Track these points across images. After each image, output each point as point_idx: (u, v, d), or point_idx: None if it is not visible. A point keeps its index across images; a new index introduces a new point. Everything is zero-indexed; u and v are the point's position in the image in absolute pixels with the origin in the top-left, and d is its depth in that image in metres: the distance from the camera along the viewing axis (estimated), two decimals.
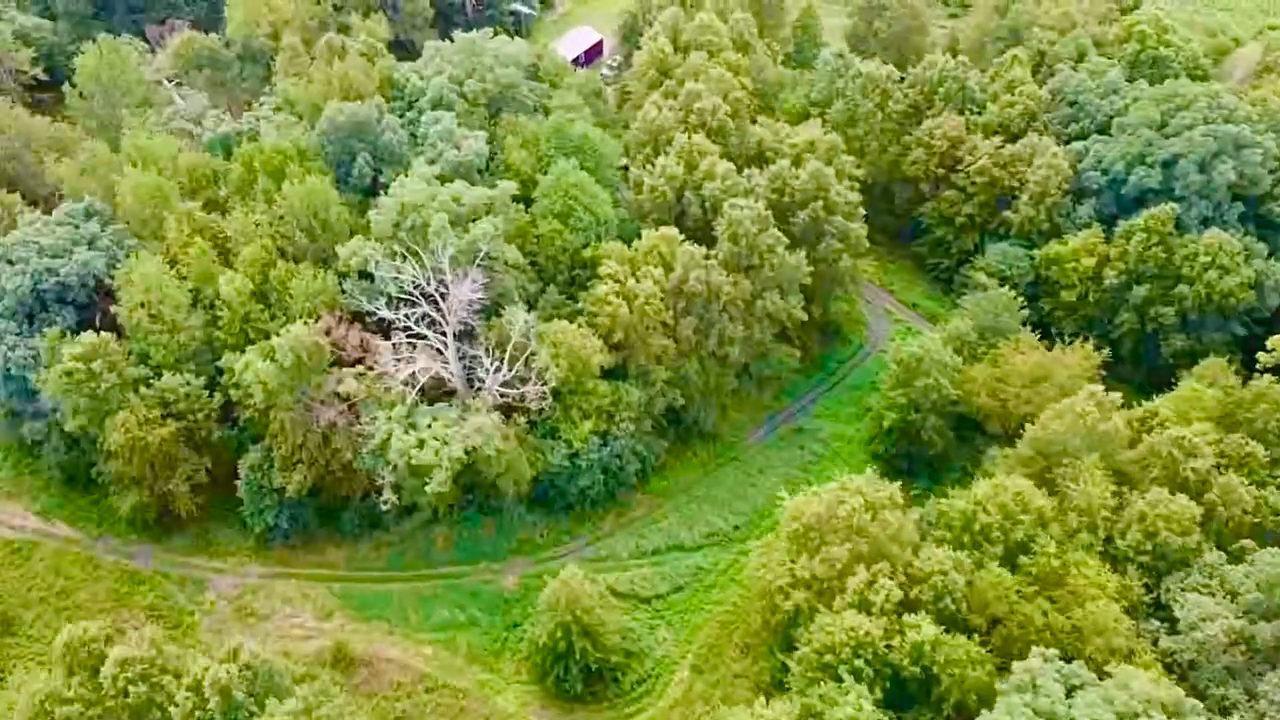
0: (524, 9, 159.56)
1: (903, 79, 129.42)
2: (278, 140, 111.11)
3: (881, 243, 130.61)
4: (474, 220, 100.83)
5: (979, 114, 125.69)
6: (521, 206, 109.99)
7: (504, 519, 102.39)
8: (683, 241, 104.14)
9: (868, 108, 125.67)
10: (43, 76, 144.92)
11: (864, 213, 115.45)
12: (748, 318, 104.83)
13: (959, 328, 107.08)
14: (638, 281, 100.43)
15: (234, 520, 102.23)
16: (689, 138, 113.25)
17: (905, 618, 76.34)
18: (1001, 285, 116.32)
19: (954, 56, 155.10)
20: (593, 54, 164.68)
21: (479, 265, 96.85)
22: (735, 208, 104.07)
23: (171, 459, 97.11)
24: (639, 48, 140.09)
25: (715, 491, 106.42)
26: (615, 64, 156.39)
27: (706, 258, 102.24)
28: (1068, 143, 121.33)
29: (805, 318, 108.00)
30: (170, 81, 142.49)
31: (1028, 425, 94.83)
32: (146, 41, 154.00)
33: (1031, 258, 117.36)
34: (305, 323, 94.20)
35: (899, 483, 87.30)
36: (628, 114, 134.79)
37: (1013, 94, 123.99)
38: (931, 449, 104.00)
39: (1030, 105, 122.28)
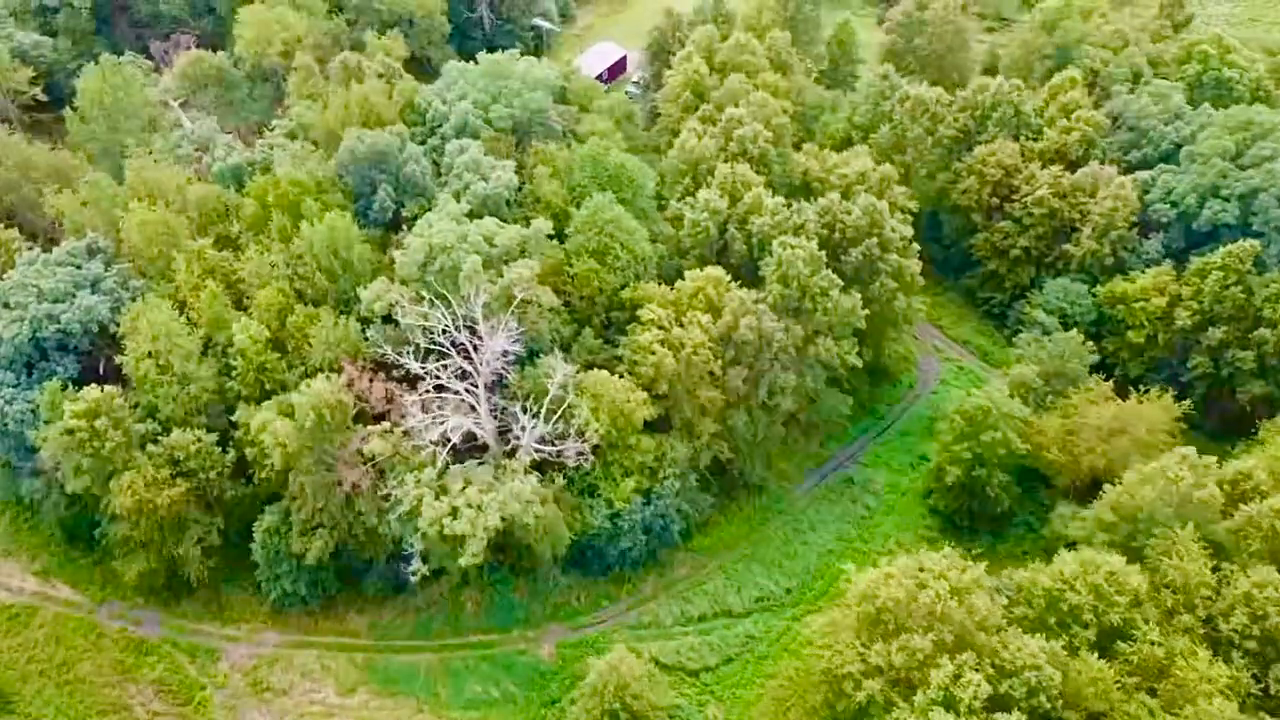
0: (546, 25, 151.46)
1: (950, 102, 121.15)
2: (292, 172, 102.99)
3: (928, 274, 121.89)
4: (507, 262, 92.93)
5: (1034, 140, 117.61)
6: (554, 241, 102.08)
7: (538, 581, 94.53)
8: (728, 284, 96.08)
9: (916, 133, 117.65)
10: (42, 97, 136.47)
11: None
12: (799, 364, 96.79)
13: (1024, 374, 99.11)
14: (683, 328, 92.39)
15: (248, 582, 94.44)
16: (731, 168, 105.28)
17: (996, 717, 68.46)
18: (1062, 324, 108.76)
19: (995, 74, 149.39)
20: (616, 70, 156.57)
21: (513, 313, 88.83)
22: (786, 247, 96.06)
23: (181, 521, 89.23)
24: (668, 66, 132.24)
25: (763, 550, 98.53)
26: (640, 80, 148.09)
27: (756, 301, 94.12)
28: (1128, 171, 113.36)
29: (860, 364, 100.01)
30: (177, 102, 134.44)
31: (1106, 487, 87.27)
32: (151, 58, 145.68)
33: (1094, 295, 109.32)
34: (326, 376, 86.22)
35: (960, 546, 79.86)
36: (658, 135, 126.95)
37: (1070, 119, 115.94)
38: (998, 507, 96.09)
39: (1089, 132, 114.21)
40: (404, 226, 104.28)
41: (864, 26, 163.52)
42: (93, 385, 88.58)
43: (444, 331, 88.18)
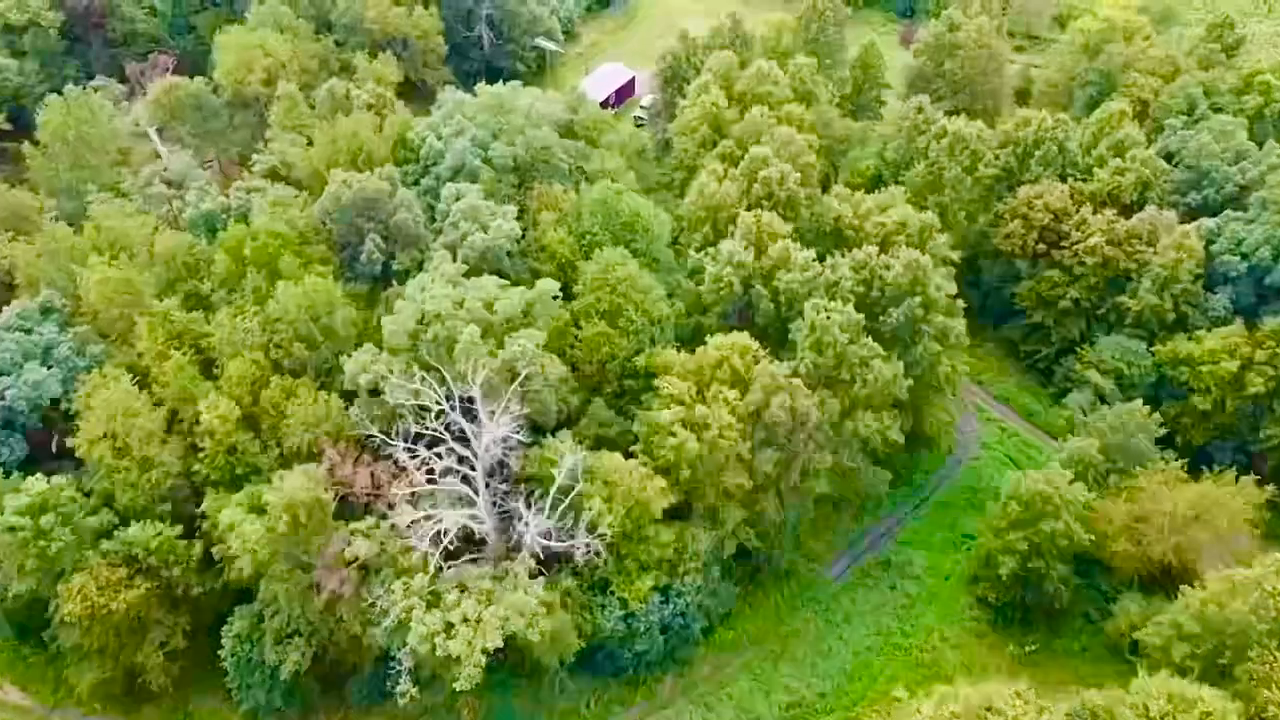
0: (549, 45, 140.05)
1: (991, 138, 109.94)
2: (270, 222, 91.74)
3: (965, 322, 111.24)
4: (509, 330, 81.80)
5: (1083, 180, 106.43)
6: (560, 298, 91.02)
7: (542, 687, 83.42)
8: (756, 352, 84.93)
9: (954, 172, 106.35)
10: (5, 125, 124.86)
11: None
12: (835, 442, 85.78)
13: (1083, 450, 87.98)
14: (707, 406, 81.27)
15: (218, 686, 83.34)
16: (756, 216, 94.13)
17: None
18: (1117, 385, 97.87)
19: (1028, 99, 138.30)
20: (624, 93, 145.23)
21: (516, 392, 77.76)
22: (819, 310, 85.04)
23: (141, 624, 78.20)
24: (681, 94, 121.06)
25: (794, 646, 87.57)
26: (650, 105, 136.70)
27: (790, 375, 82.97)
28: (1188, 216, 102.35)
29: (902, 439, 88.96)
30: (154, 129, 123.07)
31: (1184, 588, 76.58)
32: (126, 81, 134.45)
33: (1153, 353, 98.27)
34: (306, 464, 75.16)
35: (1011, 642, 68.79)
36: (672, 170, 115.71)
37: (1124, 159, 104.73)
38: (1055, 602, 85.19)
39: (1146, 173, 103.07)
40: (394, 281, 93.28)
41: (886, 44, 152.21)
42: (40, 476, 77.40)
43: (438, 414, 77.10)
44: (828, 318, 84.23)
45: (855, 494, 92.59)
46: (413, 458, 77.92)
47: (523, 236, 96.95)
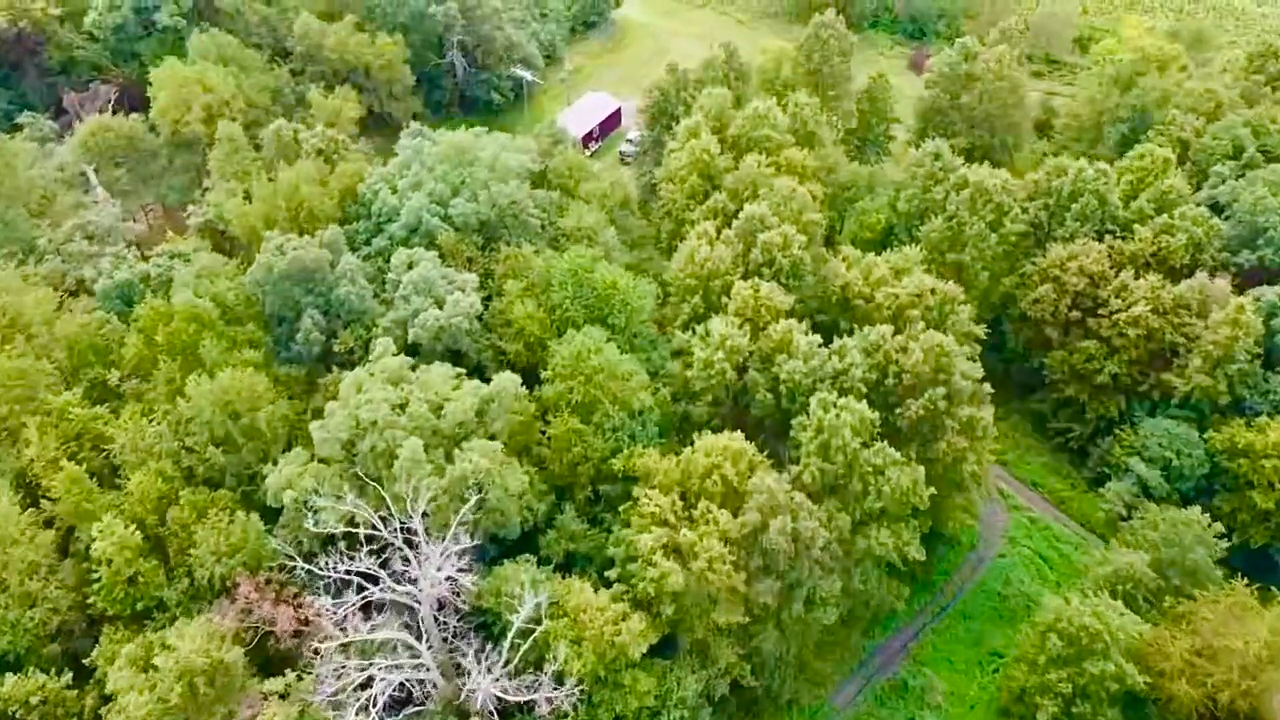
0: (527, 75, 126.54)
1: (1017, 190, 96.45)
2: (193, 298, 78.28)
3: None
4: (461, 436, 68.44)
5: (1122, 236, 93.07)
6: (526, 386, 77.88)
7: None
8: (751, 458, 71.56)
9: (978, 228, 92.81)
10: None
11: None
12: (845, 561, 72.47)
13: (1133, 566, 74.78)
14: (694, 527, 67.92)
15: None
16: (754, 288, 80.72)
17: None
18: (1164, 476, 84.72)
19: (1049, 133, 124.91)
20: (609, 125, 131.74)
21: (468, 515, 64.40)
22: (827, 407, 71.69)
23: None
24: (670, 132, 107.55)
25: None
26: (637, 141, 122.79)
27: (792, 484, 69.64)
28: (1242, 281, 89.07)
29: (923, 556, 75.57)
30: (91, 170, 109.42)
31: None
32: (65, 112, 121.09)
33: (1205, 439, 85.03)
34: (206, 623, 61.82)
35: None
36: (659, 217, 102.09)
37: (1171, 214, 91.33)
38: None
39: (1198, 233, 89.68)
40: (333, 367, 79.86)
41: (893, 69, 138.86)
42: None
43: (374, 544, 63.80)
44: (837, 416, 70.78)
45: (865, 607, 79.30)
46: (345, 590, 64.67)
47: (486, 306, 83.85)
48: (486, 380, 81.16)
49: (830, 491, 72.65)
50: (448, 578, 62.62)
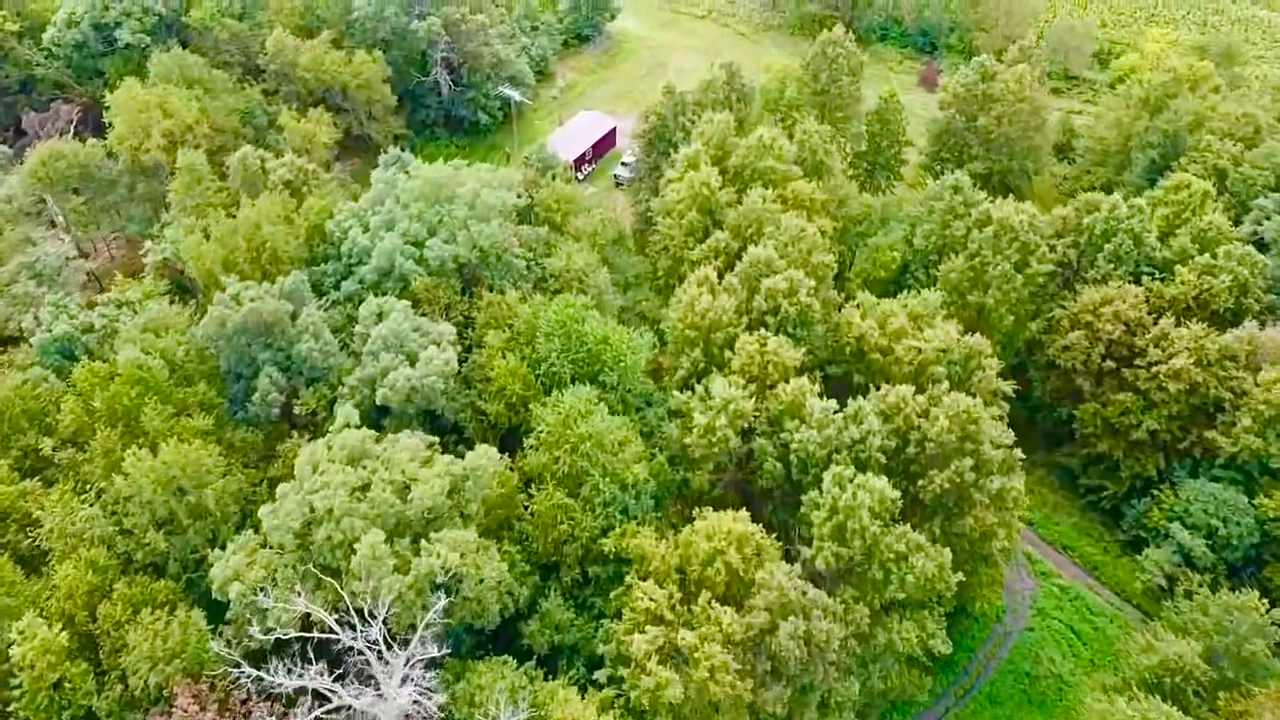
0: (515, 95, 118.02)
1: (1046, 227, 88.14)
2: (138, 355, 69.95)
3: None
4: (430, 524, 60.15)
5: (1161, 277, 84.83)
6: (506, 455, 69.87)
7: None
8: (759, 541, 63.31)
9: (1002, 269, 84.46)
10: None
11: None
12: (862, 658, 64.23)
13: (1182, 658, 66.54)
14: (693, 623, 59.70)
15: None
16: (760, 342, 72.45)
17: None
18: (1209, 546, 76.62)
19: (1070, 155, 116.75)
20: (603, 146, 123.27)
21: (433, 624, 56.13)
22: (843, 484, 63.44)
23: None
24: (667, 158, 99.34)
25: None
26: (632, 164, 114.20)
27: (806, 567, 61.42)
28: None
29: (950, 649, 67.24)
30: (51, 200, 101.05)
31: None
32: (22, 133, 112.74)
33: (1255, 506, 76.89)
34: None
35: None
36: (656, 251, 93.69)
37: (1214, 254, 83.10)
38: None
39: (1243, 274, 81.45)
40: (294, 432, 71.61)
41: (903, 84, 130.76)
42: None
43: (332, 648, 55.58)
44: (854, 496, 62.51)
45: (884, 699, 71.05)
46: (300, 697, 56.51)
47: (466, 358, 75.71)
48: (465, 441, 73.64)
49: (846, 573, 64.41)
50: (414, 692, 54.20)
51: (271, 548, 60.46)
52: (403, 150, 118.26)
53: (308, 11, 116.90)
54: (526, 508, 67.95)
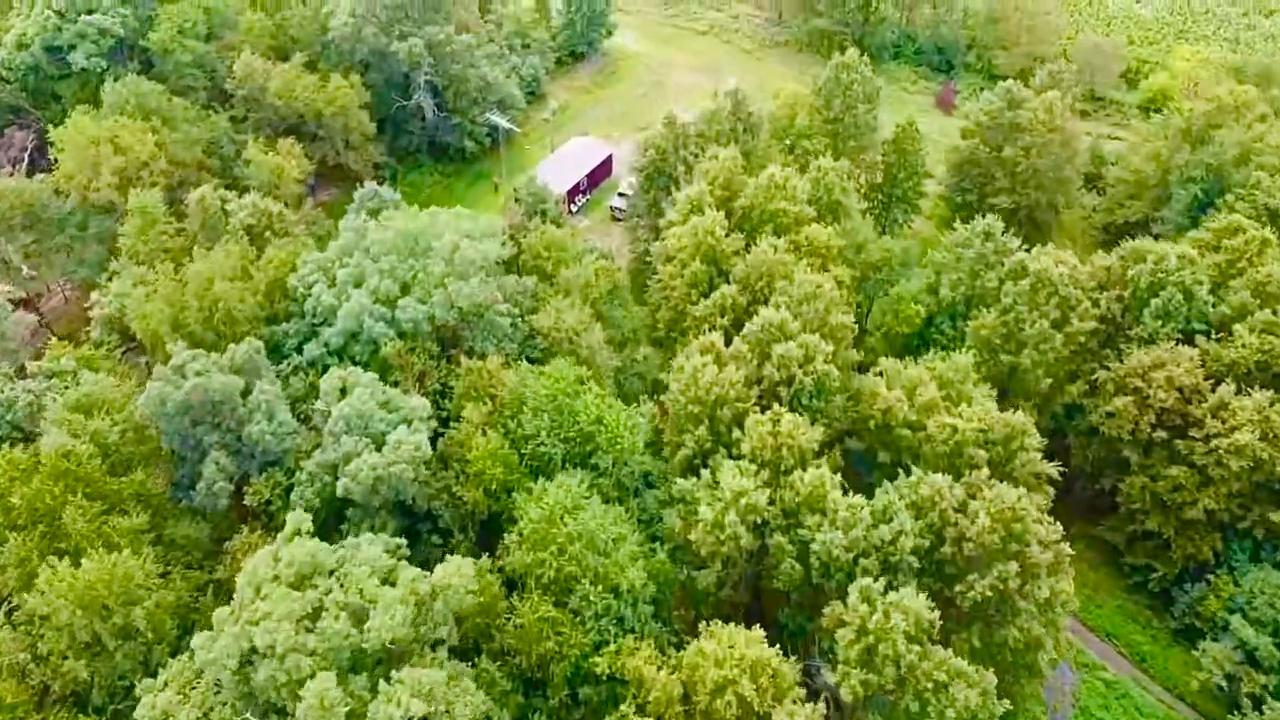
0: (502, 123, 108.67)
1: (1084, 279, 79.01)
2: (66, 440, 60.81)
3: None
4: (390, 658, 51.07)
5: (1210, 332, 75.80)
6: (486, 554, 60.98)
7: None
8: (775, 665, 54.22)
9: (1039, 327, 75.27)
10: None
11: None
12: None
13: None
14: None
15: None
16: (774, 420, 63.40)
17: None
18: (1274, 640, 67.72)
19: (1100, 187, 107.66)
20: (599, 175, 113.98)
21: None
22: (873, 602, 54.44)
23: None
24: (668, 193, 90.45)
25: None
26: (629, 195, 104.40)
27: (828, 700, 52.35)
28: None
29: None
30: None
31: None
32: None
33: None
34: None
35: None
36: (652, 303, 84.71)
37: (1276, 310, 74.03)
38: None
39: None
40: (246, 524, 62.51)
41: (918, 106, 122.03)
42: None
43: None
44: (885, 617, 53.47)
45: None
46: None
47: (442, 432, 66.74)
48: (440, 531, 64.75)
49: (875, 703, 55.44)
50: None
51: (209, 679, 51.32)
52: (383, 181, 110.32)
53: (280, 32, 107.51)
54: (510, 619, 58.81)
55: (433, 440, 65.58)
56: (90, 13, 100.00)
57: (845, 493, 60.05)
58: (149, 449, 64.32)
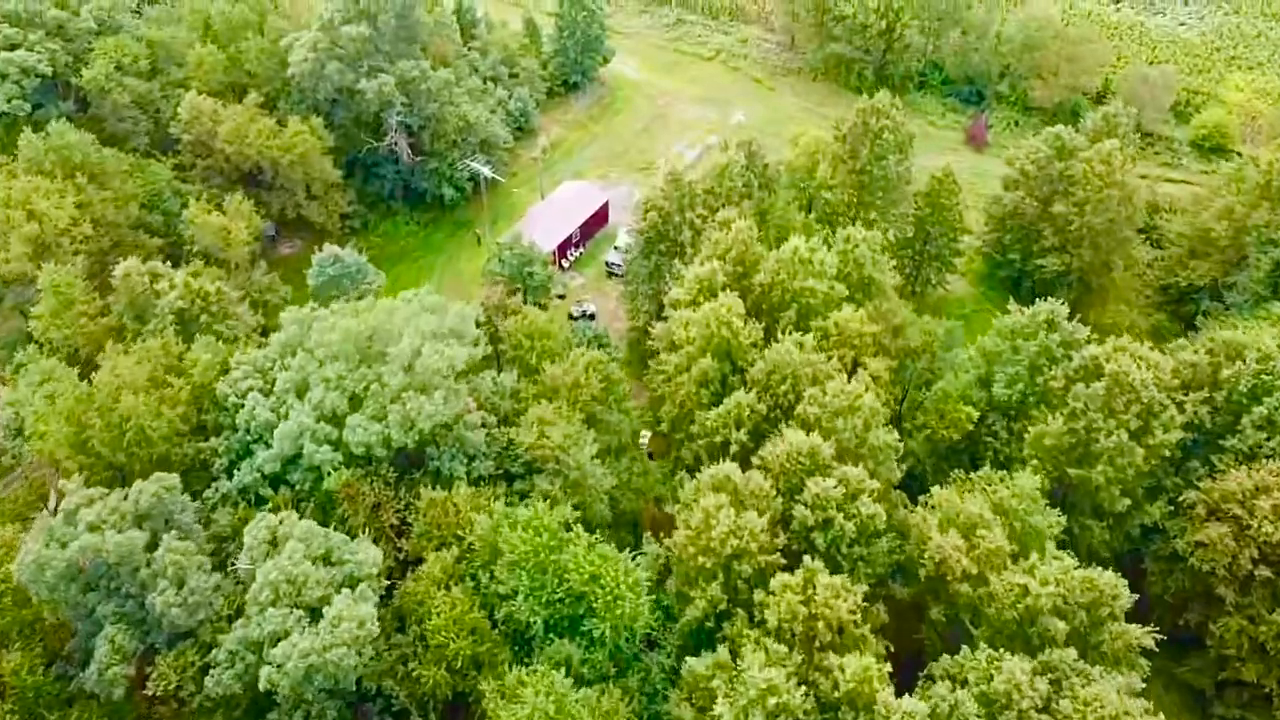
0: (485, 170, 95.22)
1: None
2: None
3: None
4: None
5: None
6: None
7: None
8: None
9: (1117, 439, 62.03)
10: None
11: None
12: None
13: None
14: None
15: None
16: (806, 581, 50.36)
17: None
18: None
19: (1156, 238, 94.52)
20: (593, 226, 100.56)
21: None
22: None
23: None
24: (671, 261, 77.54)
25: None
26: (627, 248, 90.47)
27: None
28: None
29: None
30: None
31: None
32: None
33: None
34: None
35: None
36: (653, 385, 71.66)
37: None
38: None
39: None
40: (149, 713, 49.36)
41: (945, 143, 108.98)
42: None
43: None
44: None
45: None
46: None
47: (399, 583, 53.79)
48: (395, 714, 51.81)
49: None
50: None
51: None
52: (353, 232, 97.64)
53: (234, 66, 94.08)
54: None
55: (387, 592, 52.81)
56: (13, 48, 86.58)
57: (895, 684, 46.91)
58: (32, 617, 51.20)
